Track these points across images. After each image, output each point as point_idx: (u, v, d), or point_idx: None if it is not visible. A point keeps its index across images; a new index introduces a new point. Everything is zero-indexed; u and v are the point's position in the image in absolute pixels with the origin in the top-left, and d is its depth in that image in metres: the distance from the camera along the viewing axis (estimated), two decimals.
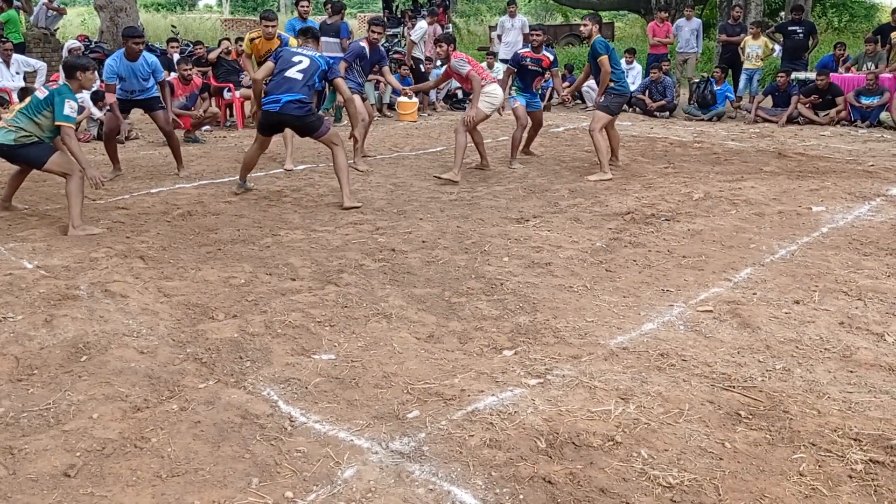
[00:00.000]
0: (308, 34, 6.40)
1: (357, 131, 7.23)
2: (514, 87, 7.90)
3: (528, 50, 7.78)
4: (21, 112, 5.31)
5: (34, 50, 13.03)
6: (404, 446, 2.70)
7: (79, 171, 5.32)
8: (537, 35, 7.78)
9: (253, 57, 7.77)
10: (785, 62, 12.12)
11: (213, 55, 10.74)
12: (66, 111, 5.19)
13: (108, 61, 6.91)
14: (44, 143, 5.34)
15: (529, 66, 7.70)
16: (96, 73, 5.81)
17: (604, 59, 7.13)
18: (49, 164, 5.33)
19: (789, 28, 12.23)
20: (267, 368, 3.29)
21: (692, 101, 11.87)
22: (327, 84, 6.40)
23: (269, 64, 6.12)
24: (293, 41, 7.67)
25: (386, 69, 8.06)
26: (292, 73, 5.90)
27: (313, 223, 5.63)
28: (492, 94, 7.09)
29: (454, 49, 7.17)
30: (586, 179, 7.14)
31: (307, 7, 9.66)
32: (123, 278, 4.37)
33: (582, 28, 7.46)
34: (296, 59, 5.99)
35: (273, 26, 7.63)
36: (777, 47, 12.92)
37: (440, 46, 7.22)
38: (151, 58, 6.99)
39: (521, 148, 8.18)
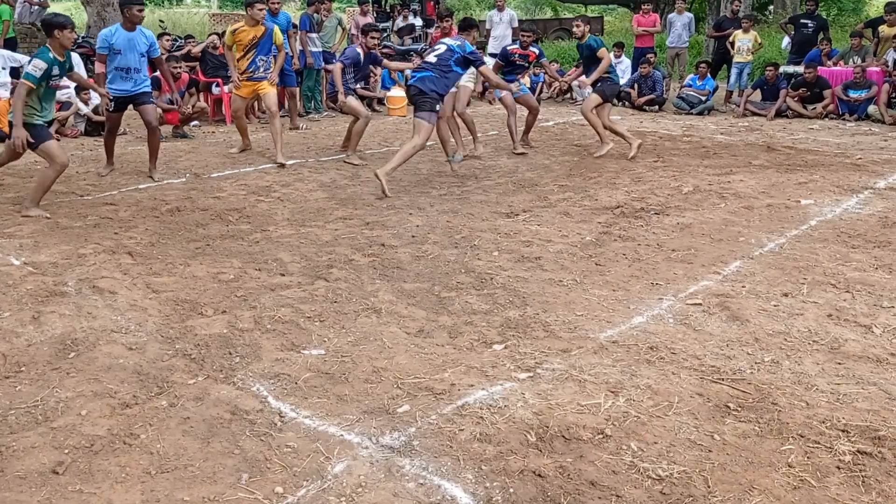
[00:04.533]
0: (462, 25, 7.04)
1: (358, 125, 7.65)
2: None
3: (516, 47, 8.41)
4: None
5: (21, 45, 12.92)
6: (394, 441, 2.70)
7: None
8: (527, 36, 8.43)
9: (234, 48, 7.61)
10: (792, 55, 12.16)
11: (197, 49, 10.65)
12: (29, 68, 5.36)
13: (102, 32, 6.64)
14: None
15: (517, 61, 8.33)
16: (74, 31, 5.74)
17: (604, 51, 7.80)
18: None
19: (801, 21, 12.27)
20: (256, 364, 3.28)
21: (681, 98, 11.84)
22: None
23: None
24: (277, 31, 7.77)
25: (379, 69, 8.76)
26: (429, 56, 6.54)
27: (302, 218, 5.61)
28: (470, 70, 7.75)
29: (451, 25, 8.03)
30: (594, 157, 7.79)
31: (278, 4, 9.66)
32: (112, 274, 4.35)
33: (575, 29, 8.04)
34: (438, 46, 6.63)
35: (263, 10, 7.54)
36: (786, 39, 12.95)
37: (447, 21, 8.34)
38: (149, 32, 6.77)
39: (522, 135, 8.70)
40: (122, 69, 6.62)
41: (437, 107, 6.42)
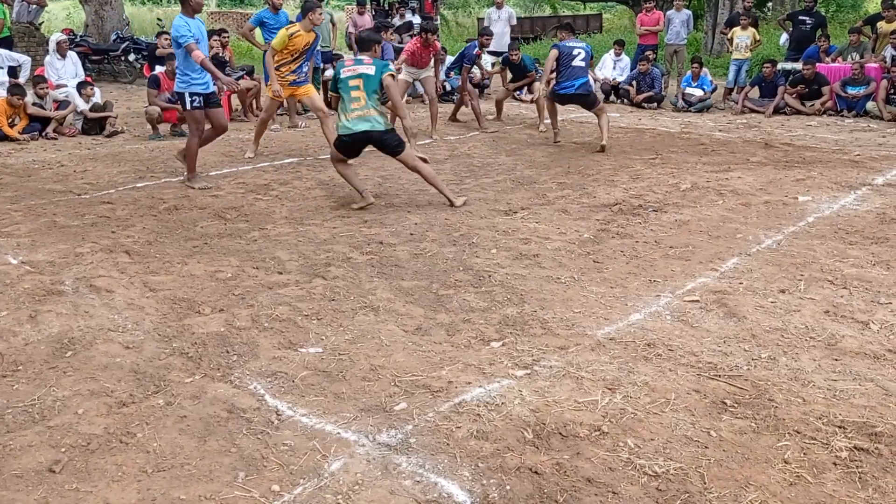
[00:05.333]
0: (568, 28, 8.70)
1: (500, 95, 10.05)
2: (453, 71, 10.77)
3: (479, 50, 9.78)
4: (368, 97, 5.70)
5: (19, 45, 12.92)
6: (391, 439, 2.70)
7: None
8: (487, 39, 9.66)
9: (279, 53, 7.39)
10: (791, 52, 12.14)
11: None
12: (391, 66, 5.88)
13: (179, 24, 6.09)
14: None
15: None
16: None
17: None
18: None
19: (799, 17, 12.25)
20: (254, 362, 3.28)
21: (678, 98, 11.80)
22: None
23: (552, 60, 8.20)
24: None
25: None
26: (577, 62, 8.04)
27: (300, 216, 5.61)
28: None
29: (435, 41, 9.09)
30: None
31: (281, 2, 9.65)
32: (109, 273, 4.35)
33: (513, 57, 10.05)
34: (574, 51, 8.07)
35: (322, 16, 7.80)
36: (784, 36, 12.93)
37: (436, 36, 9.06)
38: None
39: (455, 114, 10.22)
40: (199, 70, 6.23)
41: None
